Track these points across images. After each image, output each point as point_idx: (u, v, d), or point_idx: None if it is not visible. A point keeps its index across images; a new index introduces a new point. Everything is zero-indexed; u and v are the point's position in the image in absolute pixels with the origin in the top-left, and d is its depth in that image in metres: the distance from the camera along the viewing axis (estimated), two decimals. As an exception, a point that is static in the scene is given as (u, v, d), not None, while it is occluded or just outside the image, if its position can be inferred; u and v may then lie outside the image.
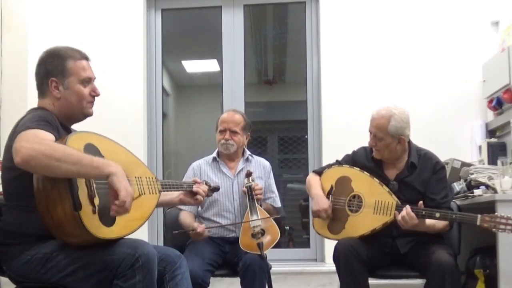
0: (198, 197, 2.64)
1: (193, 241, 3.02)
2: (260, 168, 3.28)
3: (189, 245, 3.05)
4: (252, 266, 2.80)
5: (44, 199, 1.90)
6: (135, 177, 2.15)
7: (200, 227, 2.92)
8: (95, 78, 2.25)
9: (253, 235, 2.90)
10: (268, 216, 3.01)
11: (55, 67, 2.16)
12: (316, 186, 3.02)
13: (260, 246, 2.84)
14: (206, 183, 2.81)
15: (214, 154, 3.28)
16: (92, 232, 1.89)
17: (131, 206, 1.92)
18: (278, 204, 3.30)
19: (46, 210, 1.90)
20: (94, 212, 1.91)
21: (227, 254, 3.08)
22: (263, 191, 3.15)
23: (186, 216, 3.11)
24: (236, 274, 2.94)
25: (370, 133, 2.90)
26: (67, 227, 1.89)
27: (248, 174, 3.10)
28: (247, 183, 3.07)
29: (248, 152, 3.31)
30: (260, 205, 3.08)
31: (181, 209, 3.14)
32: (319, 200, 2.93)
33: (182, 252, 2.41)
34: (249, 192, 3.04)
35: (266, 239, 2.91)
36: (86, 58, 2.24)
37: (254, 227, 2.92)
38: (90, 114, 2.25)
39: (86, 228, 1.87)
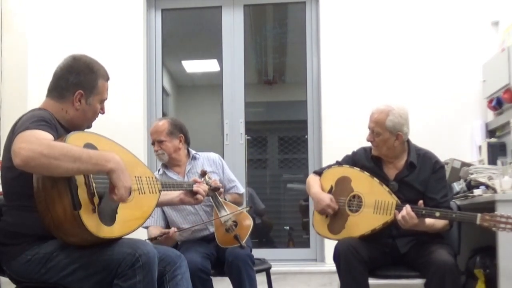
0: (199, 196, 2.64)
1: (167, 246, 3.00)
2: (210, 163, 3.23)
3: (180, 248, 3.01)
4: (236, 261, 2.81)
5: (44, 198, 1.90)
6: (135, 177, 2.15)
7: (170, 231, 2.91)
8: None
9: (227, 230, 2.90)
10: (237, 209, 2.98)
11: (88, 82, 2.17)
12: (314, 185, 3.02)
13: (237, 237, 2.85)
14: (207, 183, 2.81)
15: (160, 166, 3.27)
16: (92, 231, 1.89)
17: (128, 197, 1.99)
18: (241, 190, 3.29)
19: (46, 210, 1.90)
20: (94, 211, 1.91)
21: (217, 253, 3.05)
22: (223, 184, 3.11)
23: (153, 229, 3.05)
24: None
25: (369, 129, 2.90)
26: (67, 226, 1.89)
27: (203, 174, 2.98)
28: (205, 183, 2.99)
29: (193, 151, 3.26)
30: (225, 199, 3.05)
31: (147, 226, 3.08)
32: (319, 197, 2.94)
33: (181, 253, 2.41)
34: (210, 191, 2.95)
35: (241, 229, 2.90)
36: (109, 78, 2.27)
37: (225, 222, 2.92)
38: (90, 127, 2.27)
39: (86, 227, 1.87)
